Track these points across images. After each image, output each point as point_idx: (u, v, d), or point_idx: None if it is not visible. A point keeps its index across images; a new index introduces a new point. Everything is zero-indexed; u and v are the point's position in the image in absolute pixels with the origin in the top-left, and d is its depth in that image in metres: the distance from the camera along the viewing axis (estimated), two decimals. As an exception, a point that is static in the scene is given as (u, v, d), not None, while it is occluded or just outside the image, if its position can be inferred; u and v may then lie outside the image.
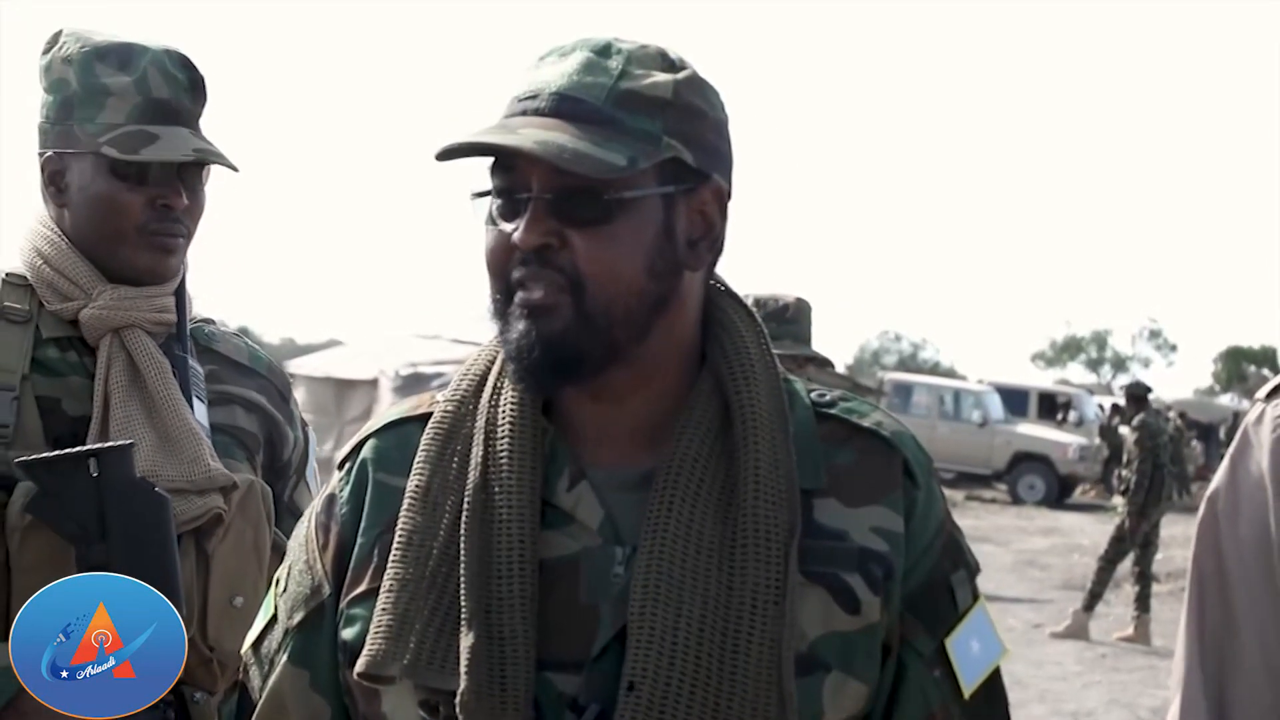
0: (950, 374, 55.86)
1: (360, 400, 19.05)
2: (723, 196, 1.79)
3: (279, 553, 2.54)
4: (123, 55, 2.61)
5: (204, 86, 2.66)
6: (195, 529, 2.50)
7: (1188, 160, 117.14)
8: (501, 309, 1.73)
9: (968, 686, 1.81)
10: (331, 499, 1.87)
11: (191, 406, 2.58)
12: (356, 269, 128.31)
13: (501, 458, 1.75)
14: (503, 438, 1.76)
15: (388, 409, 1.93)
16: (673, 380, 1.79)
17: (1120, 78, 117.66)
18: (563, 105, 1.70)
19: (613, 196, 1.69)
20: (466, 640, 1.67)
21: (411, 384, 17.89)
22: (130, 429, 2.51)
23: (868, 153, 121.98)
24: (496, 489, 1.74)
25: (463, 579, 1.70)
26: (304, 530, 1.89)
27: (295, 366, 21.67)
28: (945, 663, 1.80)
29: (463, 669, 1.67)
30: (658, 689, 1.65)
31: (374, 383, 18.73)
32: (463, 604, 1.69)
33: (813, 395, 1.85)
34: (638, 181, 1.70)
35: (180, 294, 2.68)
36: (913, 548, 1.78)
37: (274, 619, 1.89)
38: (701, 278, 1.81)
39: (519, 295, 1.70)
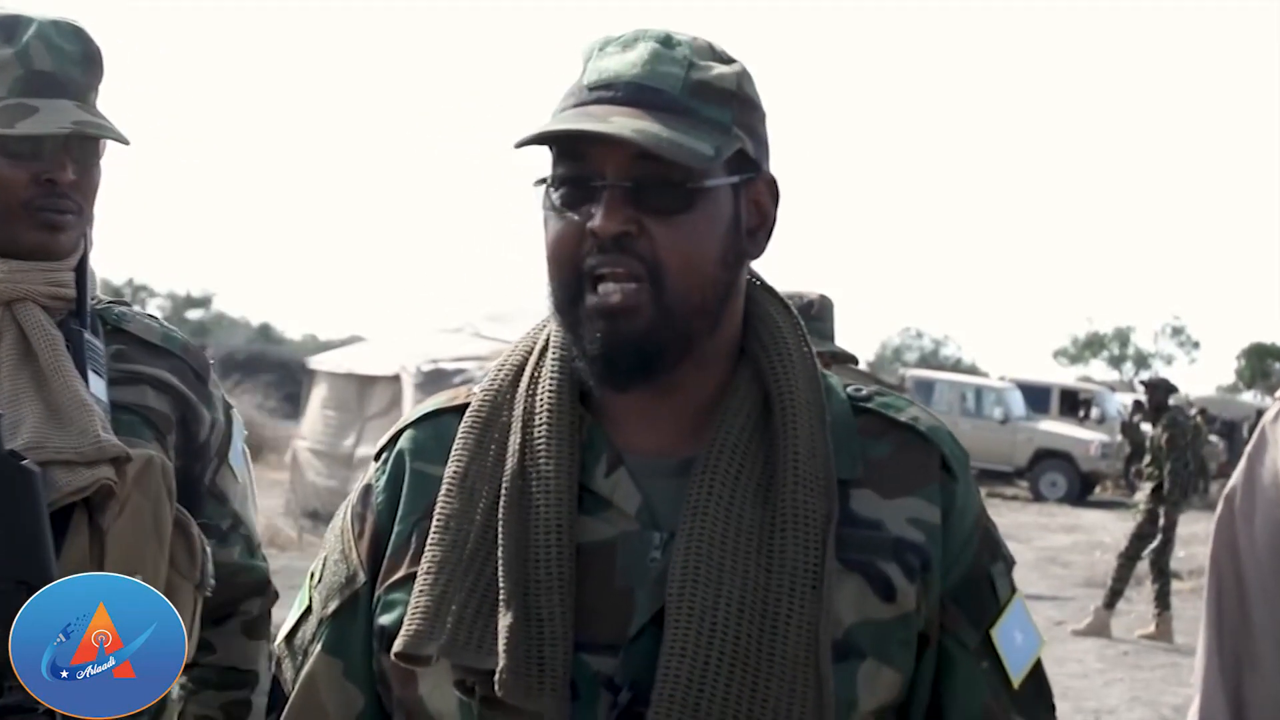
0: (972, 371, 55.76)
1: (382, 396, 19.09)
2: (775, 187, 1.83)
3: (183, 530, 2.54)
4: (7, 27, 2.55)
5: (98, 58, 2.60)
6: (88, 505, 2.44)
7: (1211, 157, 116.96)
8: (569, 303, 1.74)
9: (1016, 677, 1.84)
10: (368, 489, 1.89)
11: (86, 380, 2.52)
12: (378, 265, 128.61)
13: (539, 444, 1.76)
14: (540, 425, 1.78)
15: (424, 402, 1.95)
16: (718, 371, 1.81)
17: (1142, 74, 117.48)
18: (642, 95, 1.72)
19: (694, 185, 1.72)
20: (505, 620, 1.68)
21: (433, 380, 17.91)
22: (18, 400, 2.47)
23: (890, 150, 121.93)
24: (534, 474, 1.75)
25: (500, 561, 1.72)
26: (340, 522, 1.92)
27: (317, 363, 21.74)
28: (992, 654, 1.82)
29: (501, 647, 1.67)
30: (696, 666, 1.65)
31: (395, 379, 18.76)
32: (500, 585, 1.70)
33: (849, 390, 1.87)
34: (713, 171, 1.73)
35: (81, 270, 2.62)
36: (952, 541, 1.80)
37: (309, 610, 1.91)
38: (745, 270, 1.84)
39: (593, 297, 1.71)
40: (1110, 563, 14.64)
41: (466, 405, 1.85)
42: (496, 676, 1.66)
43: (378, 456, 1.90)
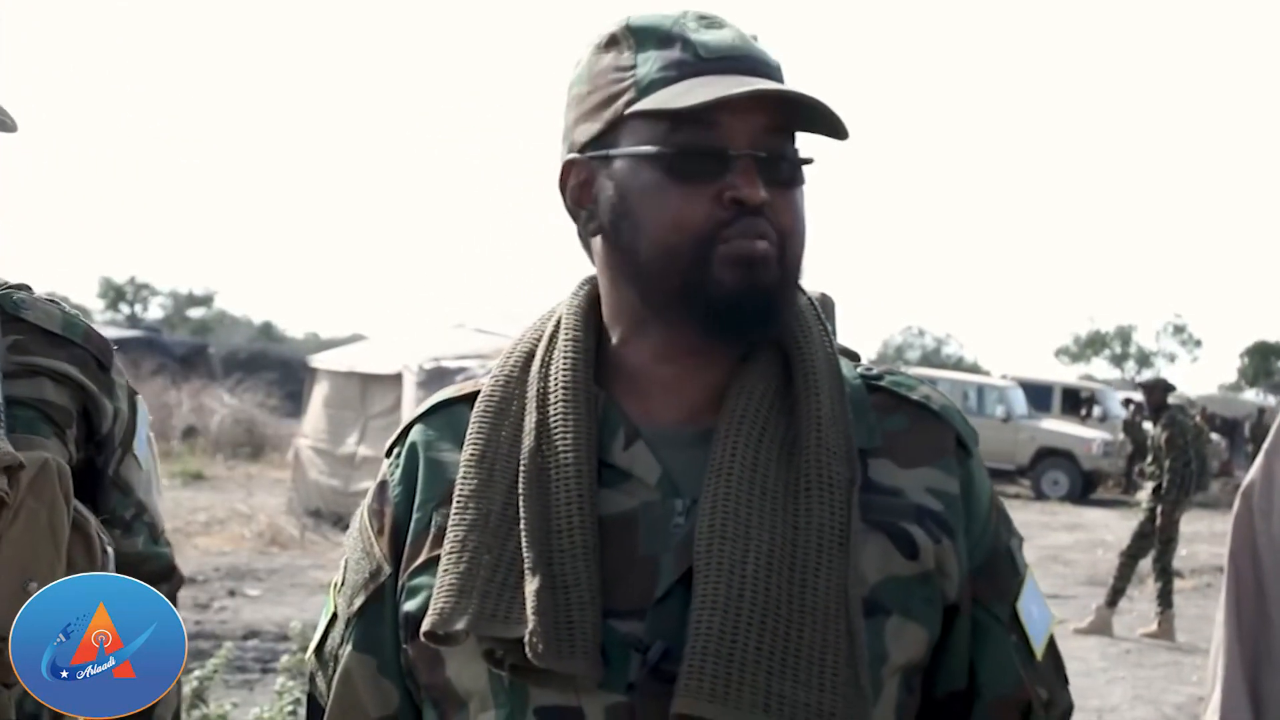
0: (974, 369, 55.80)
1: (385, 395, 19.08)
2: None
3: (81, 532, 2.46)
4: None
5: None
6: None
7: (1213, 155, 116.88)
8: (691, 265, 1.74)
9: (1038, 649, 1.87)
10: (383, 485, 1.89)
11: None
12: (380, 263, 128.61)
13: (555, 420, 1.77)
14: (556, 402, 1.79)
15: (436, 393, 1.95)
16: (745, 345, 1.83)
17: (1145, 73, 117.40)
18: (761, 68, 1.77)
19: (803, 161, 1.78)
20: (531, 586, 1.69)
21: (435, 378, 17.90)
22: None
23: (891, 148, 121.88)
24: (551, 450, 1.76)
25: (524, 534, 1.72)
26: (356, 525, 1.92)
27: (319, 361, 21.72)
28: (1019, 627, 1.86)
29: (530, 612, 1.68)
30: (729, 618, 1.66)
31: (398, 377, 18.75)
32: (525, 556, 1.71)
33: (859, 369, 1.89)
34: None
35: None
36: (974, 515, 1.83)
37: (334, 617, 1.91)
38: None
39: (724, 247, 1.72)
40: (1112, 561, 14.64)
41: (477, 394, 1.86)
42: (527, 639, 1.66)
43: (389, 453, 1.91)
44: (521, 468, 1.76)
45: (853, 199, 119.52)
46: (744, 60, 1.75)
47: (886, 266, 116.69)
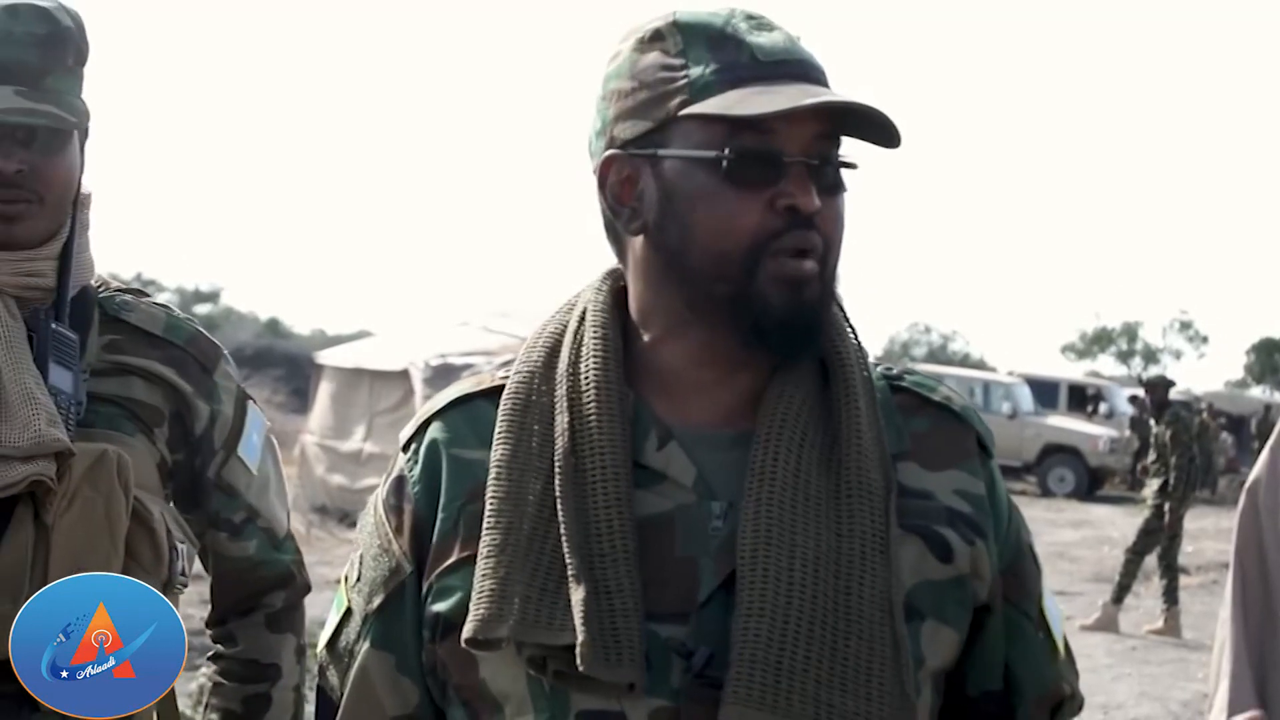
0: (980, 366, 55.69)
1: (391, 392, 19.09)
2: None
3: (145, 526, 2.50)
4: None
5: (66, 37, 2.55)
6: (34, 499, 2.42)
7: (1219, 151, 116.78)
8: (742, 274, 1.73)
9: (1060, 645, 1.89)
10: (400, 481, 1.87)
11: (46, 372, 2.49)
12: (387, 260, 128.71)
13: (590, 421, 1.76)
14: (588, 403, 1.77)
15: (449, 387, 1.93)
16: None
17: (1150, 70, 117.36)
18: (812, 73, 1.76)
19: (848, 167, 1.77)
20: (577, 594, 1.68)
21: (441, 375, 17.90)
22: None
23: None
24: (587, 452, 1.74)
25: (564, 538, 1.71)
26: (370, 519, 1.89)
27: (325, 357, 21.74)
28: (1045, 624, 1.87)
29: (578, 621, 1.67)
30: (776, 626, 1.65)
31: (404, 374, 18.76)
32: (567, 561, 1.70)
33: (879, 369, 1.89)
34: None
35: (65, 259, 2.58)
36: (999, 515, 1.83)
37: (348, 612, 1.89)
38: None
39: (774, 264, 1.72)
40: (1118, 558, 14.63)
41: (495, 389, 1.85)
42: (578, 650, 1.65)
43: (405, 448, 1.89)
44: (557, 470, 1.74)
45: (859, 196, 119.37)
46: (797, 65, 1.74)
47: (893, 263, 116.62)
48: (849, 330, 1.84)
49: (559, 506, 1.72)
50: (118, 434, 2.55)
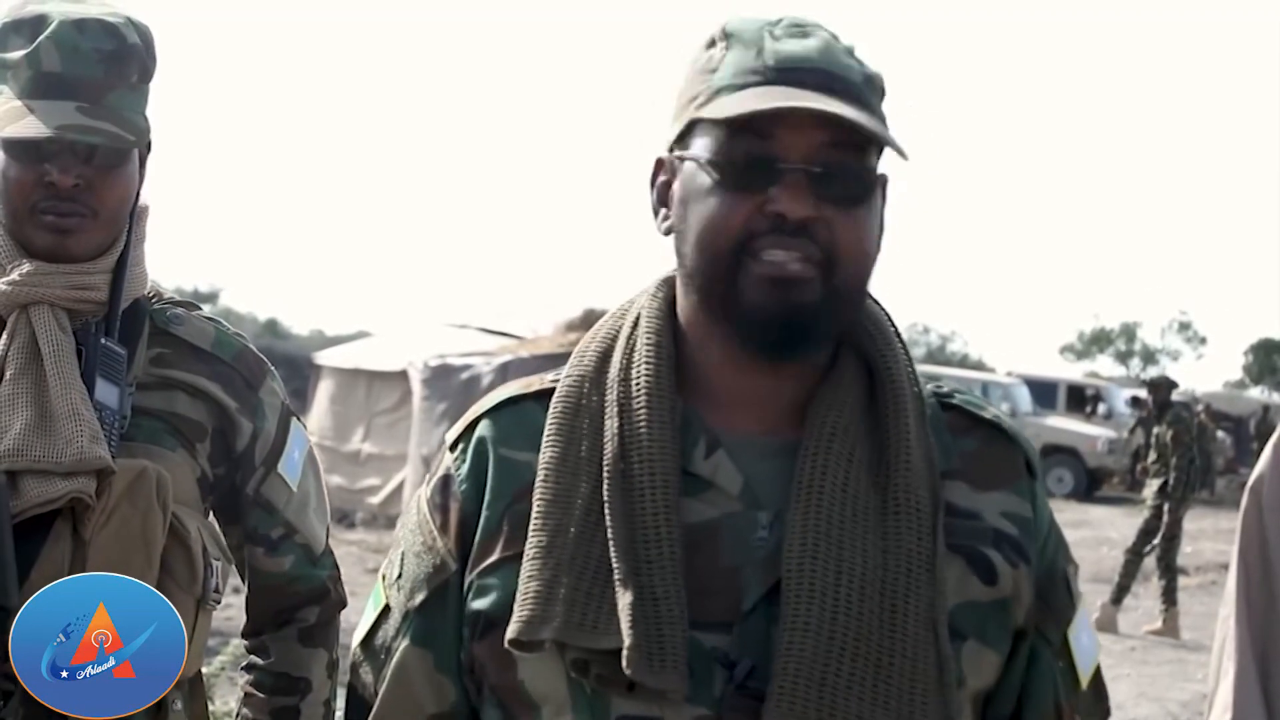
0: (978, 366, 55.66)
1: (389, 392, 19.07)
2: (886, 186, 1.84)
3: (181, 543, 2.52)
4: (33, 27, 2.53)
5: (132, 54, 2.56)
6: (73, 514, 2.45)
7: (1217, 151, 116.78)
8: (725, 275, 1.73)
9: (1084, 678, 1.86)
10: (447, 479, 1.87)
11: (92, 387, 2.51)
12: (385, 260, 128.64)
13: (640, 428, 1.76)
14: (639, 409, 1.77)
15: (498, 389, 1.94)
16: (826, 356, 1.82)
17: (1148, 70, 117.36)
18: (832, 82, 1.73)
19: (871, 178, 1.75)
20: (624, 599, 1.68)
21: (440, 375, 17.91)
22: (13, 406, 2.47)
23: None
24: (636, 458, 1.75)
25: (611, 543, 1.71)
26: (414, 517, 1.90)
27: (324, 358, 21.72)
28: (1067, 654, 1.84)
29: (625, 626, 1.67)
30: (820, 642, 1.66)
31: (403, 374, 18.75)
32: (615, 565, 1.70)
33: (930, 386, 1.88)
34: (876, 166, 1.76)
35: (119, 273, 2.60)
36: (1038, 540, 1.82)
37: (385, 609, 1.90)
38: None
39: (758, 266, 1.71)
40: (1117, 558, 14.63)
41: (545, 391, 1.86)
42: (624, 654, 1.66)
43: (453, 447, 1.89)
44: (605, 475, 1.75)
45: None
46: (814, 73, 1.73)
47: (891, 264, 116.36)
48: (898, 344, 1.84)
49: (606, 511, 1.73)
50: (159, 448, 2.57)
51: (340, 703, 1.97)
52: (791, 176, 1.70)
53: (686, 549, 1.72)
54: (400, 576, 1.89)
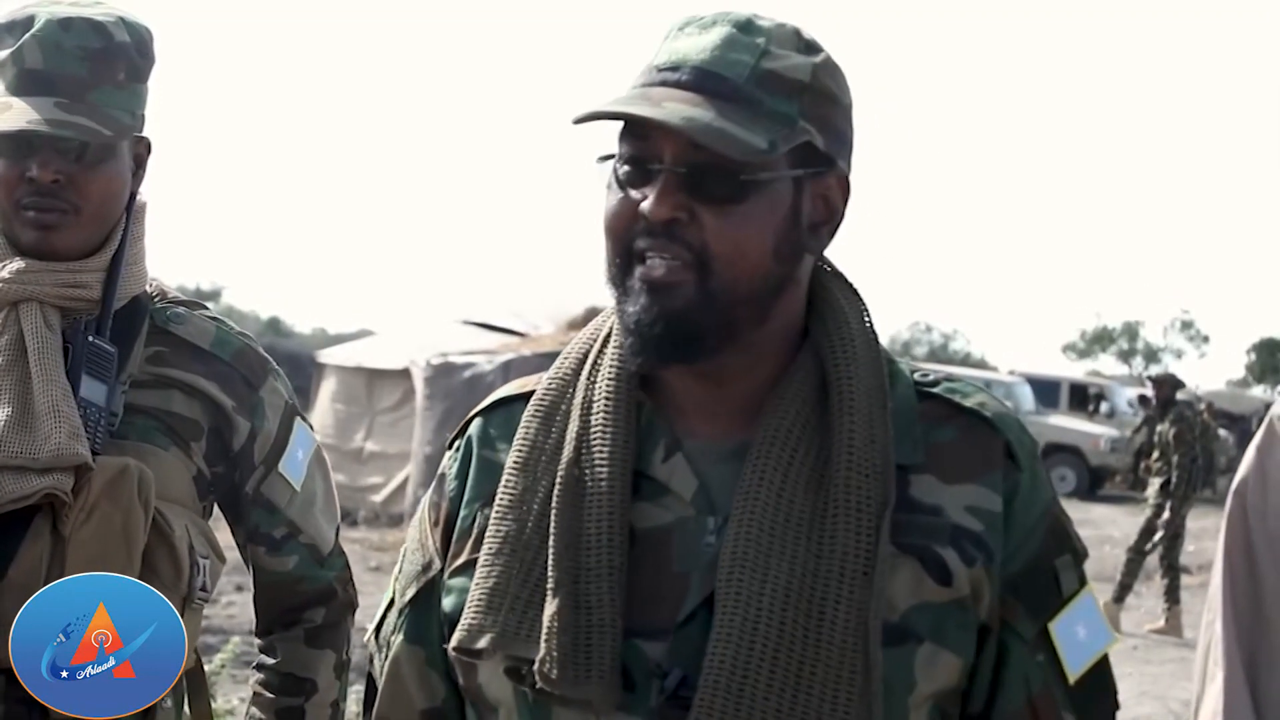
0: (981, 365, 55.72)
1: (392, 390, 19.08)
2: (846, 184, 1.80)
3: (167, 543, 2.53)
4: (21, 26, 2.56)
5: (119, 52, 2.57)
6: (52, 511, 2.46)
7: (1220, 150, 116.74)
8: (620, 276, 1.73)
9: (1073, 672, 1.81)
10: (442, 478, 1.90)
11: (77, 385, 2.51)
12: (388, 258, 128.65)
13: (595, 431, 1.76)
14: (597, 412, 1.78)
15: (501, 388, 1.95)
16: (777, 359, 1.79)
17: (1150, 69, 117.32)
18: (706, 81, 1.70)
19: (748, 177, 1.69)
20: (550, 608, 1.68)
21: (442, 373, 17.91)
22: None
23: (897, 144, 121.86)
24: (589, 461, 1.75)
25: (551, 550, 1.71)
26: (420, 513, 1.92)
27: (326, 356, 21.72)
28: (1049, 647, 1.79)
29: (544, 635, 1.68)
30: (740, 652, 1.65)
31: (405, 372, 18.75)
32: (550, 573, 1.70)
33: (915, 375, 1.85)
34: (772, 164, 1.70)
35: (112, 271, 2.61)
36: (1014, 531, 1.77)
37: (391, 602, 1.92)
38: (813, 260, 1.82)
39: (640, 269, 1.70)
40: (1119, 557, 14.62)
41: (534, 393, 1.85)
42: (538, 663, 1.67)
43: (451, 444, 1.91)
44: (558, 478, 1.75)
45: (860, 195, 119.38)
46: (685, 72, 1.70)
47: (893, 262, 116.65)
48: (860, 331, 1.81)
49: (553, 516, 1.73)
50: (150, 446, 2.58)
51: (349, 703, 1.98)
52: (662, 178, 1.68)
53: (640, 554, 1.72)
54: (401, 572, 1.91)
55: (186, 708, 2.70)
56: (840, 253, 1.85)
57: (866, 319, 1.83)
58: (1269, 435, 2.46)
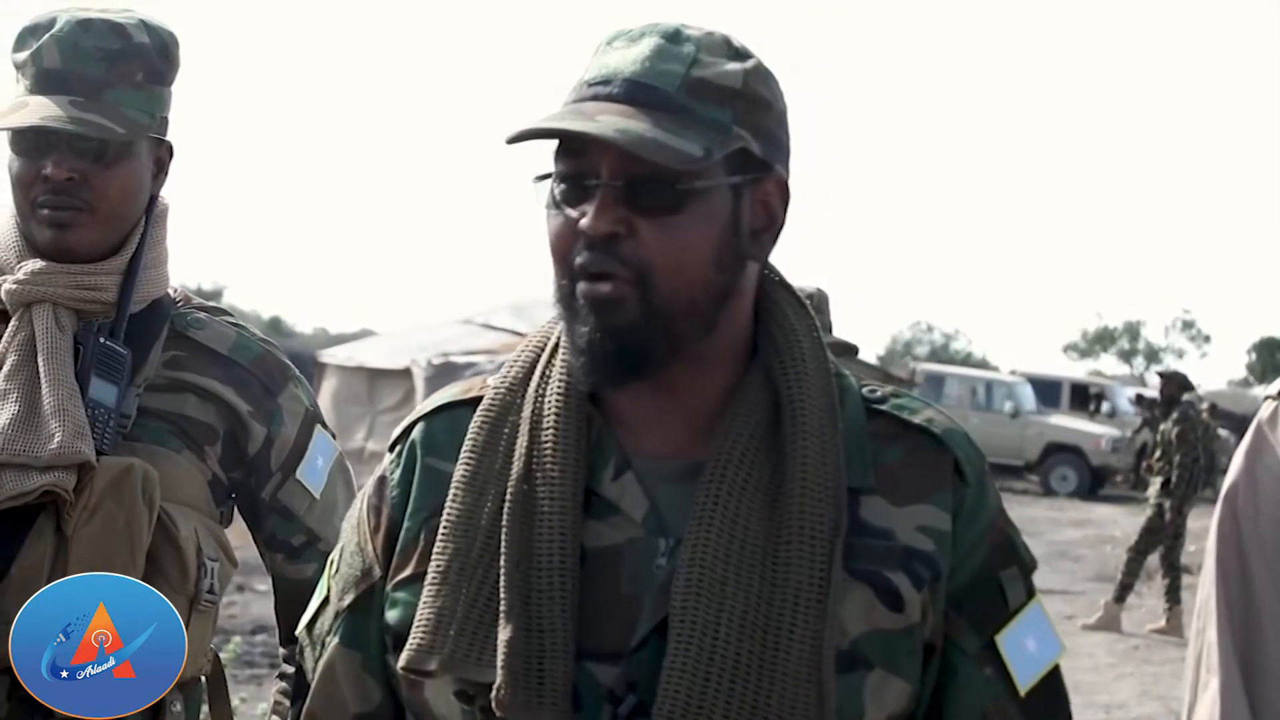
0: (982, 365, 55.71)
1: (393, 390, 19.11)
2: (785, 188, 1.78)
3: (174, 544, 2.52)
4: (44, 27, 2.58)
5: (136, 53, 2.59)
6: (56, 510, 2.46)
7: (1220, 150, 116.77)
8: (567, 296, 1.71)
9: (1023, 685, 1.79)
10: (383, 481, 1.86)
11: (86, 386, 2.52)
12: (389, 258, 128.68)
13: (546, 447, 1.74)
14: (548, 428, 1.75)
15: (439, 392, 1.92)
16: (727, 372, 1.77)
17: (1151, 69, 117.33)
18: (637, 92, 1.69)
19: (684, 186, 1.67)
20: (504, 633, 1.67)
21: (444, 373, 17.92)
22: (4, 401, 2.49)
23: (900, 143, 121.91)
24: (539, 479, 1.72)
25: (503, 570, 1.69)
26: (356, 512, 1.89)
27: (328, 356, 21.76)
28: (997, 660, 1.78)
29: (499, 662, 1.66)
30: (696, 682, 1.63)
31: (406, 372, 18.78)
32: (502, 595, 1.68)
33: (864, 391, 1.82)
34: (709, 172, 1.69)
35: (130, 273, 2.62)
36: (960, 545, 1.76)
37: (326, 600, 1.89)
38: (757, 268, 1.80)
39: (583, 286, 1.68)
40: (1121, 557, 14.63)
41: (480, 399, 1.83)
42: (494, 692, 1.65)
43: (392, 447, 1.88)
44: (508, 496, 1.73)
45: (862, 195, 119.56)
46: (616, 85, 1.69)
47: (895, 262, 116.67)
48: (811, 346, 1.79)
49: (504, 535, 1.71)
50: (162, 449, 2.58)
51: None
52: (599, 193, 1.67)
53: (589, 574, 1.70)
54: (337, 572, 1.88)
55: (204, 711, 2.71)
56: (842, 253, 1.85)
57: (816, 333, 1.81)
58: (1257, 439, 2.46)
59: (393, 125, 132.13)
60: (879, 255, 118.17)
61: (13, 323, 2.56)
